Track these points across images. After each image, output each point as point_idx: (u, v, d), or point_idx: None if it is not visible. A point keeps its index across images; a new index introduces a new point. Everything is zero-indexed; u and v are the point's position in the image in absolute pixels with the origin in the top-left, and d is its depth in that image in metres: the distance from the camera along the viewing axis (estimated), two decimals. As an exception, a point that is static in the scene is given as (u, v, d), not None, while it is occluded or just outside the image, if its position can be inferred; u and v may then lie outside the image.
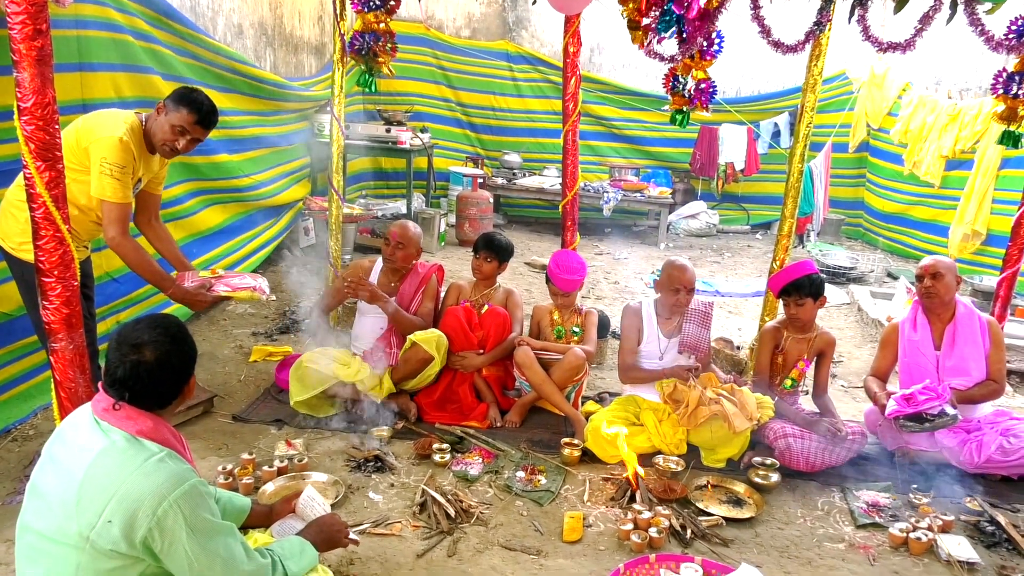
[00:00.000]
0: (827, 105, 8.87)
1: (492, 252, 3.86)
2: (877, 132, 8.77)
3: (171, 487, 1.60)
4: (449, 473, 3.20)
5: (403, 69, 8.45)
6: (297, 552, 2.00)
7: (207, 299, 3.15)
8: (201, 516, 1.65)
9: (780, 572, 2.66)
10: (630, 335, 3.64)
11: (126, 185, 2.76)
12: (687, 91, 3.77)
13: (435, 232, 7.18)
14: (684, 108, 3.83)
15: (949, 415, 3.13)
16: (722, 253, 8.43)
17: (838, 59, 8.11)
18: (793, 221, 4.07)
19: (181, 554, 1.62)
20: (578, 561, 2.64)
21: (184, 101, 2.84)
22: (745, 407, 3.31)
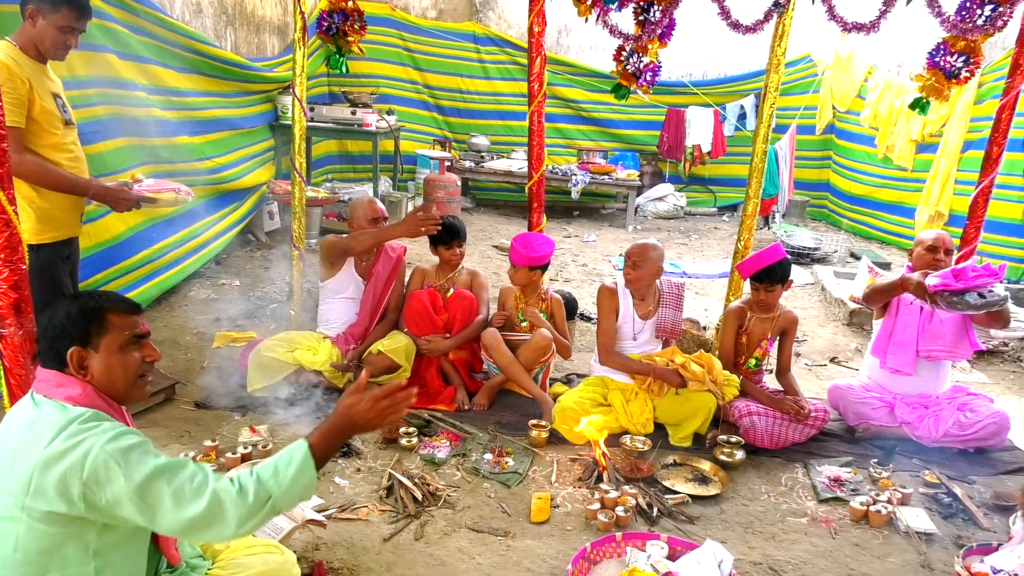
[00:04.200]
0: (792, 87, 8.96)
1: (462, 238, 3.84)
2: (844, 114, 8.87)
3: (97, 437, 1.54)
4: (416, 457, 3.18)
5: (369, 50, 8.29)
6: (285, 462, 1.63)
7: (130, 196, 3.08)
8: (137, 458, 1.55)
9: (744, 547, 2.70)
10: (608, 315, 3.63)
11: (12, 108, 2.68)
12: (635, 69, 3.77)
13: (402, 215, 7.11)
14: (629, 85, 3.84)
15: (1001, 295, 2.86)
16: (689, 235, 8.49)
17: (803, 42, 8.17)
18: (758, 202, 4.10)
19: (126, 501, 1.53)
20: (545, 541, 2.65)
21: (60, 1, 2.77)
22: (712, 370, 3.36)
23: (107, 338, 1.70)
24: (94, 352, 1.68)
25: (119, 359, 1.71)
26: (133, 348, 1.75)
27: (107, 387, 1.71)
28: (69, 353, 1.65)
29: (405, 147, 8.61)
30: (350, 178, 8.56)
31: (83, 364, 1.67)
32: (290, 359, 3.54)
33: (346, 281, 3.82)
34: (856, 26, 3.63)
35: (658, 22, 3.62)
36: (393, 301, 3.86)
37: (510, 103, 9.04)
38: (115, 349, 1.71)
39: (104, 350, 1.69)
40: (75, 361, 1.66)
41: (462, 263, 3.95)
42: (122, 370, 1.72)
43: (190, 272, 5.20)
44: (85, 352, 1.68)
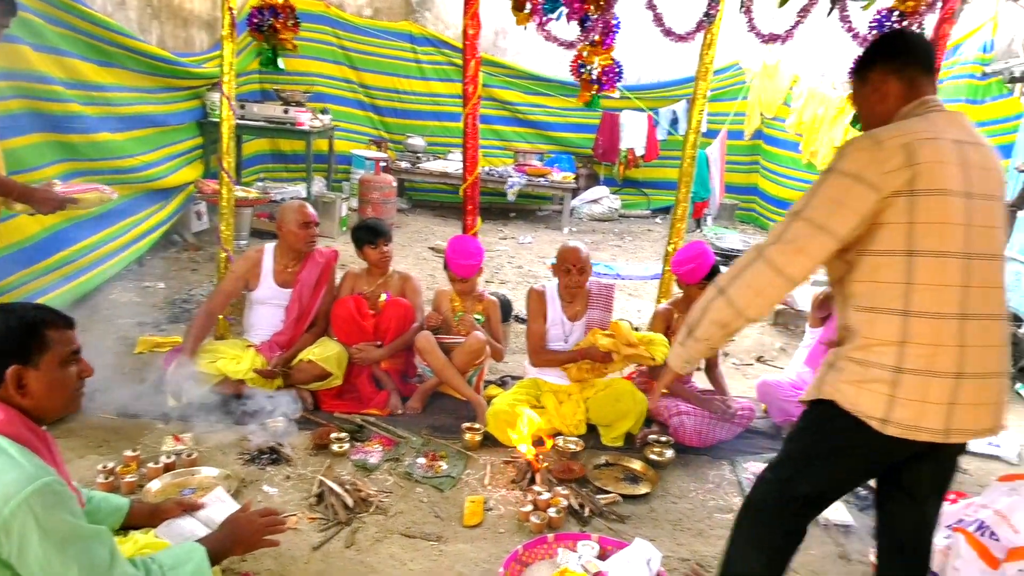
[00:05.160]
0: (722, 94, 9.21)
1: (388, 236, 3.80)
2: (771, 121, 9.16)
3: (19, 485, 1.47)
4: (348, 463, 3.14)
5: (303, 48, 8.11)
6: (184, 559, 1.80)
7: (54, 197, 2.99)
8: (56, 517, 1.51)
9: (673, 544, 2.76)
10: (537, 317, 3.66)
11: None
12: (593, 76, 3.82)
13: (336, 216, 7.01)
14: (593, 92, 3.89)
15: None
16: (623, 237, 8.63)
17: (732, 50, 8.41)
18: (687, 206, 4.20)
19: (33, 560, 1.48)
20: (478, 545, 2.66)
21: None
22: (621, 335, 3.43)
23: (48, 355, 1.64)
24: (34, 370, 1.62)
25: (59, 377, 1.67)
26: (72, 364, 1.71)
27: (44, 406, 1.66)
28: (8, 372, 1.58)
29: (340, 147, 8.48)
30: (283, 177, 8.38)
31: (22, 383, 1.60)
32: (212, 369, 3.44)
33: (269, 291, 3.73)
34: (772, 37, 3.77)
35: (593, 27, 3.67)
36: (323, 308, 3.77)
37: (447, 104, 8.99)
38: (56, 366, 1.66)
39: (45, 368, 1.63)
40: (13, 380, 1.59)
41: (393, 267, 3.91)
42: (62, 388, 1.68)
43: (111, 274, 5.00)
44: (24, 370, 1.61)
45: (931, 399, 1.67)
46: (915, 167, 1.66)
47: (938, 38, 3.86)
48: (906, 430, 1.68)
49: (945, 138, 1.71)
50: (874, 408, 1.70)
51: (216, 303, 3.71)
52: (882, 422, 1.69)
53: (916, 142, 1.68)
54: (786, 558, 1.97)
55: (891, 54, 1.84)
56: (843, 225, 1.69)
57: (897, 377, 1.68)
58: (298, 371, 3.58)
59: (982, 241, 1.71)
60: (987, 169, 1.76)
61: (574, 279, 3.57)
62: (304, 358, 3.59)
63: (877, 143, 1.71)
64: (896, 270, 1.68)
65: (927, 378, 1.67)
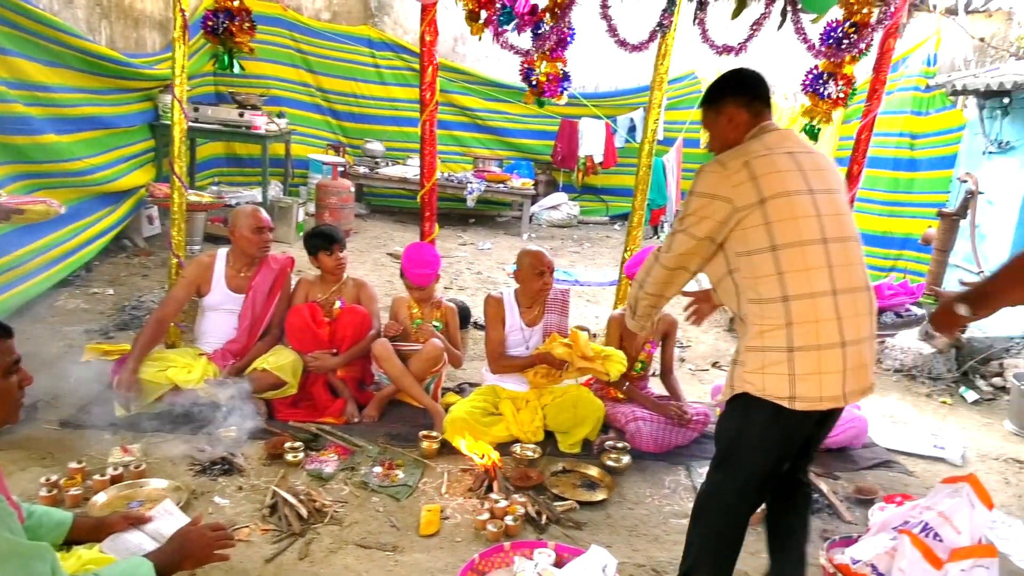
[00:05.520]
0: (679, 102, 9.36)
1: (343, 243, 3.76)
2: (725, 130, 9.32)
3: None
4: (302, 473, 3.09)
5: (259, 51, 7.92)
6: (130, 574, 1.78)
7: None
8: None
9: (629, 550, 2.78)
10: (496, 324, 3.66)
11: None
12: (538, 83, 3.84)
13: (293, 222, 6.91)
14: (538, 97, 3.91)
15: (918, 315, 2.91)
16: (582, 243, 8.69)
17: (689, 59, 8.55)
18: (643, 213, 4.25)
19: None
20: (434, 554, 2.64)
21: None
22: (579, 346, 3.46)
23: None
24: None
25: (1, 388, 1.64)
26: (11, 374, 1.68)
27: None
28: None
29: (297, 151, 8.38)
30: (238, 182, 8.25)
31: None
32: (161, 379, 3.36)
33: (221, 297, 3.66)
34: (726, 48, 3.83)
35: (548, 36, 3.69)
36: (278, 315, 3.72)
37: (406, 109, 8.96)
38: None
39: None
40: None
41: (350, 273, 3.87)
42: (2, 399, 1.65)
43: (57, 280, 4.86)
44: None
45: (826, 370, 1.92)
46: (757, 179, 1.98)
47: (883, 51, 3.99)
48: (812, 402, 1.94)
49: (778, 151, 2.03)
50: (780, 389, 1.93)
51: (167, 310, 3.63)
52: (790, 399, 1.93)
53: (753, 160, 2.01)
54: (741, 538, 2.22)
55: (742, 89, 2.16)
56: (704, 231, 2.04)
57: (791, 356, 1.92)
58: (252, 380, 3.52)
59: (834, 227, 2.00)
60: (821, 170, 2.07)
61: (547, 281, 3.60)
62: (258, 367, 3.53)
63: (722, 166, 2.04)
64: (768, 264, 1.95)
65: (817, 352, 1.92)
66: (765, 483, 2.18)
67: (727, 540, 2.20)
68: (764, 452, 2.10)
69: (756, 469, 2.12)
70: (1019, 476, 3.77)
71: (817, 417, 2.04)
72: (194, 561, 2.02)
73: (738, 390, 2.03)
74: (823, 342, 1.92)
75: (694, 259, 2.12)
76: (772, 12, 3.82)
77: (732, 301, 2.12)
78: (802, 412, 1.95)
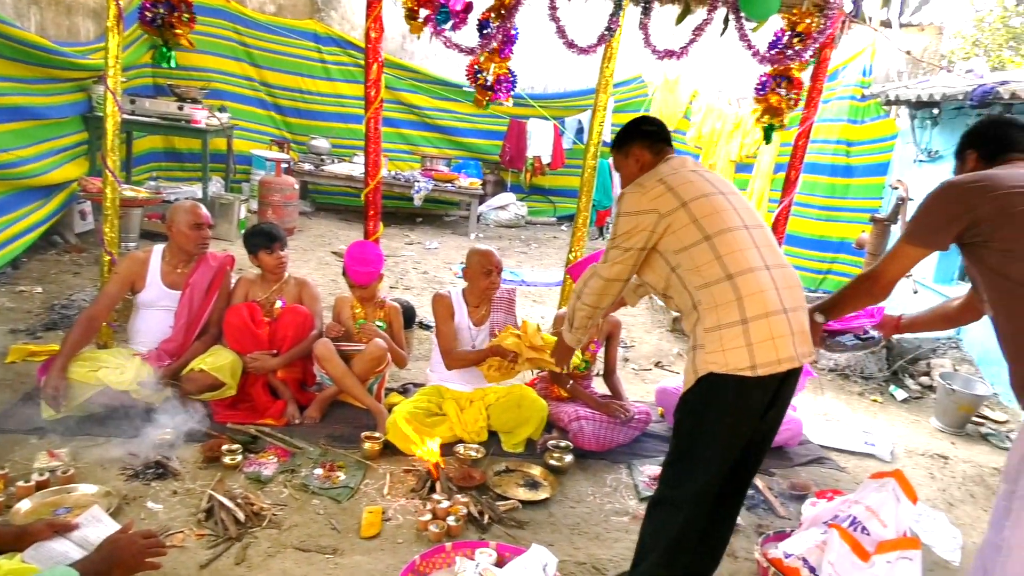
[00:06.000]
0: (625, 105, 9.48)
1: (284, 241, 3.69)
2: (673, 133, 9.42)
3: None
4: (241, 476, 3.02)
5: (200, 43, 7.81)
6: None
7: None
8: None
9: (571, 548, 2.80)
10: (446, 320, 3.65)
11: None
12: (488, 82, 3.84)
13: (234, 219, 6.75)
14: (487, 100, 3.91)
15: (876, 337, 3.07)
16: (529, 244, 8.72)
17: (636, 62, 8.66)
18: (588, 214, 4.29)
19: None
20: (375, 556, 2.61)
21: None
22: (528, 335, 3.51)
23: None
24: None
25: None
26: None
27: None
28: None
29: (239, 146, 8.19)
30: (178, 177, 8.02)
31: None
32: (92, 379, 3.24)
33: (157, 293, 3.56)
34: (668, 53, 3.90)
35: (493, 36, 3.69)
36: (216, 314, 3.62)
37: (353, 105, 8.85)
38: None
39: None
40: None
41: (293, 272, 3.80)
42: None
43: (-19, 277, 4.64)
44: None
45: (777, 334, 2.10)
46: (673, 189, 2.24)
47: (820, 61, 4.11)
48: (771, 366, 2.09)
49: (683, 170, 2.33)
50: (741, 361, 2.08)
51: (99, 308, 3.50)
52: (752, 368, 2.07)
53: (666, 177, 2.29)
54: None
55: (645, 136, 2.49)
56: (637, 242, 2.28)
57: (745, 327, 2.08)
58: (189, 381, 3.43)
59: (749, 217, 2.28)
60: (720, 180, 2.38)
61: (494, 280, 3.61)
62: (195, 367, 3.44)
63: (640, 186, 2.31)
64: (706, 252, 2.17)
65: (766, 319, 2.09)
66: (721, 481, 2.24)
67: (684, 537, 2.25)
68: (728, 433, 2.18)
69: (717, 460, 2.19)
70: (943, 471, 3.94)
71: (774, 387, 2.18)
72: (124, 570, 1.95)
73: (702, 372, 2.13)
74: (770, 309, 2.11)
75: (627, 269, 2.34)
76: (714, 19, 3.90)
77: (683, 296, 2.25)
78: (764, 380, 2.10)
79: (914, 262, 2.21)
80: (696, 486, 2.21)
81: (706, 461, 2.20)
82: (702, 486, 2.22)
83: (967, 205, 2.01)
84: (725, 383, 2.10)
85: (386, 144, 9.07)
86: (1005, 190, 1.98)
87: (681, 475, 2.25)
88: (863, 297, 2.35)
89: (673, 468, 2.28)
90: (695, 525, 2.27)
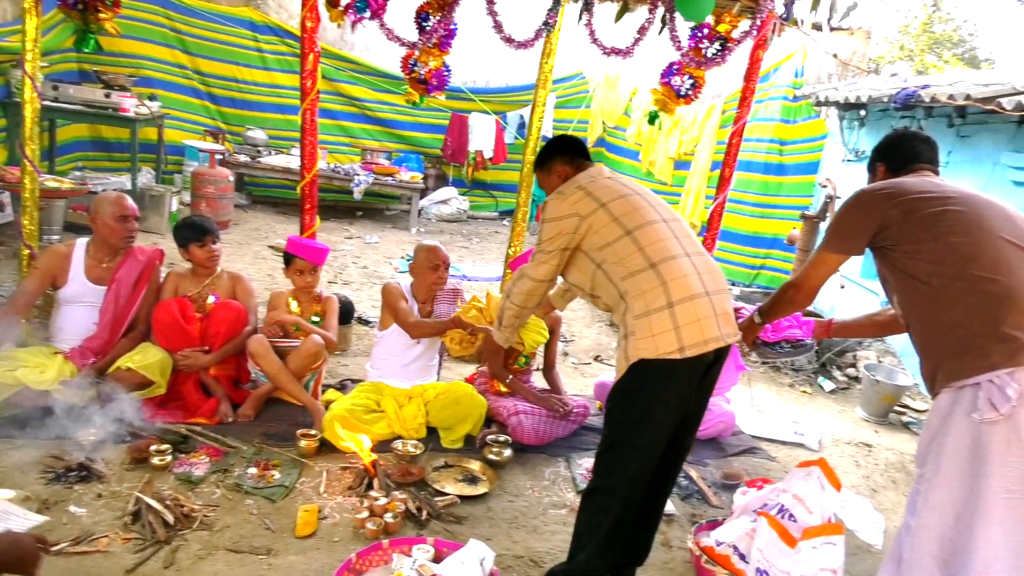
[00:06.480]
0: (566, 101, 9.54)
1: (216, 234, 3.60)
2: (613, 130, 9.58)
3: None
4: (170, 477, 2.93)
5: (128, 28, 7.52)
6: None
7: None
8: None
9: (508, 542, 2.81)
10: (401, 304, 3.61)
11: None
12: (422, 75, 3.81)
13: (165, 211, 6.53)
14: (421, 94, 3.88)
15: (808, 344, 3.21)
16: (471, 238, 8.70)
17: (577, 59, 8.72)
18: (528, 209, 4.31)
19: None
20: (310, 556, 2.57)
21: None
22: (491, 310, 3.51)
23: None
24: None
25: None
26: None
27: None
28: None
29: (171, 136, 7.93)
30: (105, 167, 7.71)
31: None
32: (9, 379, 3.09)
33: (80, 288, 3.42)
34: (614, 50, 3.94)
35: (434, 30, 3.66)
36: (144, 310, 3.50)
37: (291, 96, 8.64)
38: None
39: None
40: None
41: (227, 266, 3.71)
42: None
43: None
44: None
45: (702, 316, 2.19)
46: (592, 193, 2.38)
47: (752, 62, 4.22)
48: (698, 347, 2.17)
49: (600, 177, 2.49)
50: (670, 344, 2.16)
51: (17, 304, 3.34)
52: (680, 350, 2.15)
53: (584, 184, 2.43)
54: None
55: (566, 152, 2.63)
56: (561, 244, 2.39)
57: (672, 311, 2.17)
58: (115, 379, 3.30)
59: (665, 211, 2.42)
60: (634, 183, 2.52)
61: (440, 276, 3.60)
62: (122, 365, 3.32)
63: (561, 194, 2.44)
64: (628, 245, 2.27)
65: (691, 302, 2.19)
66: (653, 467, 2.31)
67: (619, 525, 2.31)
68: (660, 418, 2.23)
69: (649, 446, 2.25)
70: (868, 459, 4.10)
71: (703, 370, 2.26)
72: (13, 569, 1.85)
73: (633, 359, 2.20)
74: (694, 292, 2.21)
75: (553, 270, 2.47)
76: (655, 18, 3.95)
77: (610, 289, 2.31)
78: (692, 361, 2.18)
79: (834, 268, 2.34)
80: (629, 473, 2.26)
81: (638, 448, 2.25)
82: (635, 473, 2.27)
83: (877, 211, 2.15)
84: (656, 368, 2.18)
85: (325, 136, 8.94)
86: (911, 196, 2.12)
87: (614, 463, 2.29)
88: (790, 305, 2.48)
89: (605, 457, 2.32)
90: (629, 513, 2.32)
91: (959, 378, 1.93)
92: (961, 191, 2.14)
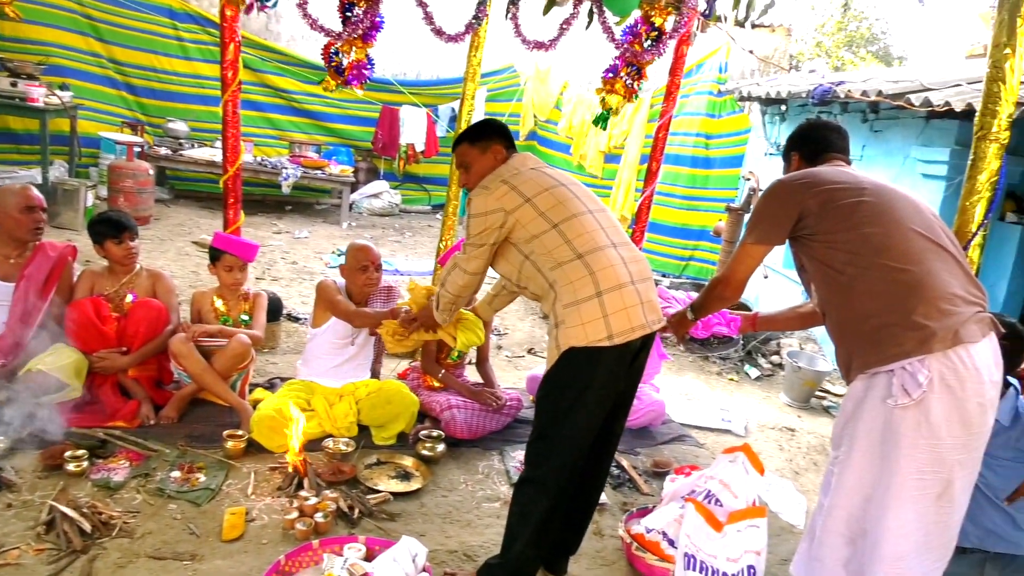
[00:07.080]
0: (498, 95, 9.54)
1: (134, 230, 3.45)
2: (545, 123, 9.63)
3: None
4: (87, 483, 2.81)
5: (34, 13, 7.15)
6: None
7: None
8: None
9: (442, 537, 2.80)
10: (338, 298, 3.54)
11: None
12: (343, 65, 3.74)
13: (80, 206, 6.24)
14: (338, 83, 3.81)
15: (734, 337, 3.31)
16: (404, 232, 8.62)
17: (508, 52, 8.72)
18: (458, 203, 4.29)
19: None
20: (237, 559, 2.51)
21: None
22: None
23: None
24: None
25: None
26: None
27: None
28: None
29: (85, 128, 7.56)
30: (14, 160, 7.33)
31: None
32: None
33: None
34: (538, 44, 3.96)
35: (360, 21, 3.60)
36: (56, 309, 3.33)
37: (214, 87, 8.35)
38: None
39: None
40: None
41: (149, 263, 3.56)
42: None
43: None
44: None
45: (628, 304, 2.25)
46: (516, 188, 2.39)
47: (676, 57, 4.31)
48: (626, 334, 2.22)
49: (524, 168, 2.50)
50: (599, 332, 2.20)
51: None
52: (609, 338, 2.20)
53: (509, 177, 2.44)
54: None
55: (503, 134, 2.62)
56: (489, 238, 2.44)
57: (600, 299, 2.22)
58: (28, 382, 3.13)
59: (591, 202, 2.46)
60: (561, 173, 2.56)
61: (371, 276, 3.54)
62: (33, 368, 3.16)
63: (485, 188, 2.44)
64: (555, 238, 2.32)
65: (618, 291, 2.24)
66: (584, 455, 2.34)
67: (551, 515, 2.33)
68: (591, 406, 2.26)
69: (580, 434, 2.28)
70: (791, 443, 4.26)
71: (631, 357, 2.30)
72: None
73: (564, 347, 2.23)
74: (621, 281, 2.26)
75: (484, 263, 2.52)
76: (580, 12, 3.99)
77: (539, 280, 2.36)
78: (620, 347, 2.22)
79: (758, 260, 2.38)
80: (560, 462, 2.28)
81: (569, 437, 2.27)
82: (566, 462, 2.29)
83: (795, 201, 2.19)
84: (586, 355, 2.21)
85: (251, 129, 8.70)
86: (827, 187, 2.17)
87: (544, 453, 2.30)
88: (720, 300, 2.53)
89: (536, 447, 2.33)
90: (561, 502, 2.34)
91: (873, 365, 1.99)
92: (874, 182, 2.21)
